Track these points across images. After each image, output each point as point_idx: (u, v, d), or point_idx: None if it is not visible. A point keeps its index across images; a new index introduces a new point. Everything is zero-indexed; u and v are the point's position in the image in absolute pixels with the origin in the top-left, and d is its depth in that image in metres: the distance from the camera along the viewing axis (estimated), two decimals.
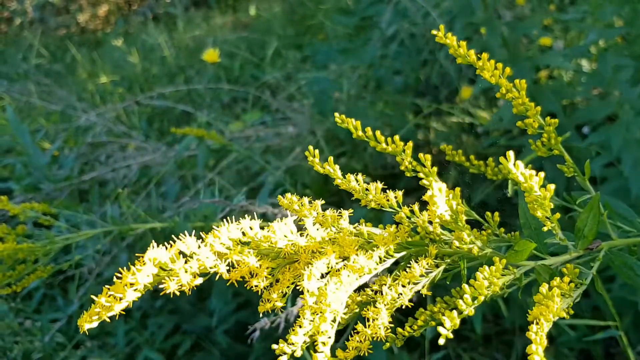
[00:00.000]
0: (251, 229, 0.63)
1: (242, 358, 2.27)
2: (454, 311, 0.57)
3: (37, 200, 1.58)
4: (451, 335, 0.56)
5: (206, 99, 3.49)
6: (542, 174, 0.63)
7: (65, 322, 2.30)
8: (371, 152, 2.61)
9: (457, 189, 0.64)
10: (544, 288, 0.61)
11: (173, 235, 0.61)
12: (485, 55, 0.77)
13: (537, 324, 0.56)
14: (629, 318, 1.93)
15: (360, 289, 0.67)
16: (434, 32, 0.78)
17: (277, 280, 0.64)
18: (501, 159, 0.62)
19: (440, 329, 0.57)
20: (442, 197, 0.61)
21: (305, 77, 2.89)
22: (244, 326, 2.32)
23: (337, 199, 2.31)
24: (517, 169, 0.62)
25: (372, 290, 0.65)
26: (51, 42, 7.49)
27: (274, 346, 0.57)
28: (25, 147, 2.23)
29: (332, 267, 0.62)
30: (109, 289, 0.57)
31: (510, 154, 0.61)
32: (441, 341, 0.56)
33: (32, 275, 1.18)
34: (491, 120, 2.57)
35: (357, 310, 0.68)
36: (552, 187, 0.64)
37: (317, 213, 0.69)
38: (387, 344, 0.68)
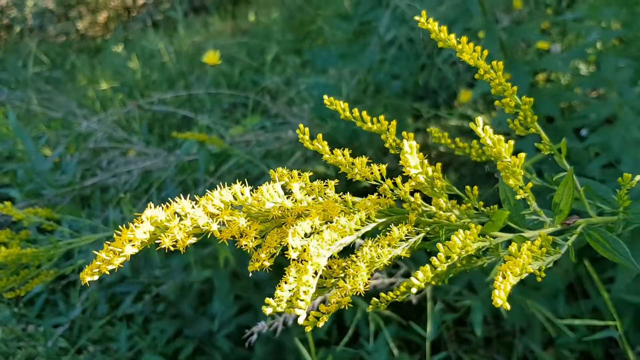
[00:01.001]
0: (242, 193, 0.67)
1: None
2: (428, 266, 0.61)
3: (40, 206, 1.59)
4: (423, 286, 0.62)
5: (206, 104, 3.51)
6: (512, 142, 0.66)
7: (68, 327, 2.31)
8: (370, 154, 2.63)
9: (439, 164, 0.68)
10: (513, 247, 0.64)
11: (170, 198, 0.65)
12: (464, 38, 0.80)
13: (503, 277, 0.59)
14: (628, 319, 1.94)
15: (346, 255, 0.69)
16: (417, 17, 0.80)
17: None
18: (470, 124, 0.65)
19: (412, 279, 0.61)
20: (413, 155, 0.64)
21: (305, 81, 2.91)
22: (246, 330, 2.34)
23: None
24: (485, 134, 0.64)
25: (356, 256, 0.68)
26: (51, 49, 7.51)
27: (264, 308, 0.60)
28: (28, 154, 2.25)
29: (315, 228, 0.65)
30: (109, 244, 0.60)
31: (479, 119, 0.64)
32: (413, 290, 0.61)
33: (35, 279, 1.20)
34: (490, 123, 2.58)
35: (342, 275, 0.70)
36: (522, 155, 0.67)
37: (306, 183, 0.72)
38: (370, 307, 0.71)
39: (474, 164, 2.63)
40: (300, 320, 0.59)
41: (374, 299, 0.70)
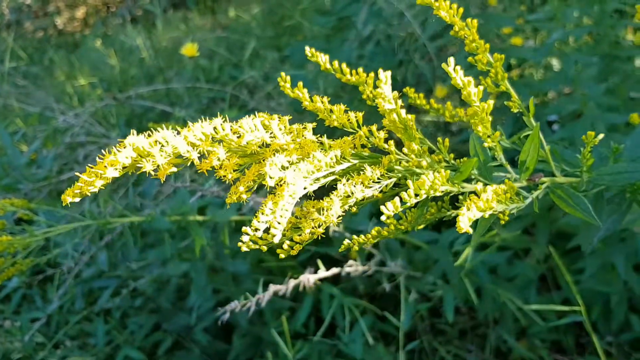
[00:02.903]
0: (222, 128, 0.68)
1: (222, 355, 2.29)
2: (397, 199, 0.64)
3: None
4: (391, 214, 0.64)
5: (185, 99, 3.50)
6: (481, 87, 0.68)
7: (45, 322, 2.30)
8: None
9: (413, 116, 0.72)
10: (479, 185, 0.67)
11: (151, 127, 0.65)
12: None
13: (468, 209, 0.62)
14: (598, 308, 1.99)
15: (320, 198, 0.70)
16: None
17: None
18: (443, 65, 0.67)
19: (382, 208, 0.63)
20: (388, 85, 0.66)
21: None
22: (224, 324, 2.35)
23: (320, 191, 2.34)
24: (456, 74, 0.66)
25: (331, 194, 0.70)
26: (29, 44, 7.43)
27: (239, 244, 0.62)
28: (4, 148, 2.24)
29: (292, 162, 0.67)
30: (91, 167, 0.61)
31: (451, 59, 0.66)
32: (383, 217, 0.64)
33: (11, 268, 1.20)
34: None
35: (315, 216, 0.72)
36: (491, 101, 0.69)
37: (285, 126, 0.73)
38: (343, 247, 0.74)
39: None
40: (276, 240, 0.61)
41: (347, 241, 0.73)
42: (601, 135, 0.88)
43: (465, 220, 0.59)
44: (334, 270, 1.49)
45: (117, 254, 2.31)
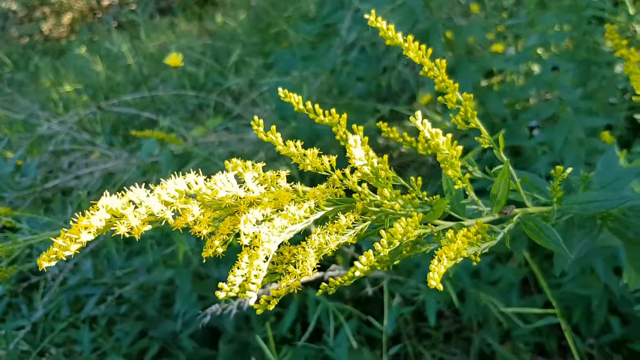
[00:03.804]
0: (196, 183, 0.68)
1: None
2: (371, 250, 0.65)
3: None
4: (367, 269, 0.65)
5: (171, 106, 3.51)
6: (449, 135, 0.70)
7: (30, 330, 2.29)
8: (333, 154, 2.66)
9: (385, 156, 0.73)
10: (450, 233, 0.68)
11: (125, 187, 0.66)
12: (410, 37, 0.83)
13: (439, 260, 0.63)
14: (579, 311, 2.02)
15: (298, 242, 0.72)
16: (366, 16, 0.84)
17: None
18: (411, 117, 0.69)
19: (357, 263, 0.65)
20: (357, 148, 0.68)
21: (267, 83, 2.94)
22: (210, 330, 2.35)
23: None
24: (424, 127, 0.69)
25: (306, 243, 0.71)
26: (14, 50, 7.40)
27: (217, 293, 0.63)
28: None
29: (267, 216, 0.68)
30: (65, 231, 0.62)
31: (418, 113, 0.68)
32: (357, 273, 0.65)
33: None
34: (442, 121, 2.64)
35: (292, 261, 0.73)
36: (460, 147, 0.71)
37: (259, 173, 0.74)
38: (320, 291, 0.73)
39: (432, 166, 2.70)
40: (251, 302, 0.63)
41: (323, 283, 0.73)
42: (569, 169, 0.90)
43: (436, 277, 0.61)
44: (317, 275, 1.50)
45: (102, 261, 2.32)
